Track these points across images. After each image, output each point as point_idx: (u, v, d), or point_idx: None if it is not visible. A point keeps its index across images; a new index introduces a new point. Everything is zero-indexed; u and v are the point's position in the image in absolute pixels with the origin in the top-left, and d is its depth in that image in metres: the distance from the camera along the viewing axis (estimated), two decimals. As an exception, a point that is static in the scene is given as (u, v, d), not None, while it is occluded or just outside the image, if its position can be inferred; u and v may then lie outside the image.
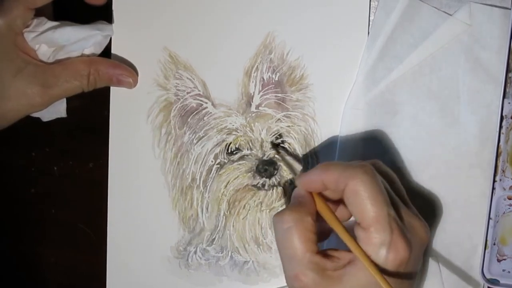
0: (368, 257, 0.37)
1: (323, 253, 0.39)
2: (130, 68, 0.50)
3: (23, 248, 0.53)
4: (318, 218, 0.40)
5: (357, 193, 0.38)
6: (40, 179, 0.53)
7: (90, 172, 0.52)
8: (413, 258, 0.38)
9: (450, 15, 0.48)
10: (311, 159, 0.49)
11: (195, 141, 0.50)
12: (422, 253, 0.41)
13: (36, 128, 0.51)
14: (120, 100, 0.50)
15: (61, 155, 0.52)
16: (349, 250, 0.39)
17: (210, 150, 0.50)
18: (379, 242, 0.37)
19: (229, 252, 0.50)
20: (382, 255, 0.37)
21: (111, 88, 0.50)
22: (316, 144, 0.49)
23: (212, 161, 0.50)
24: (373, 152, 0.49)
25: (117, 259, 0.51)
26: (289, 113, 0.50)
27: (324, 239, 0.43)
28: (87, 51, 0.48)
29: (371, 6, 0.49)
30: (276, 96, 0.50)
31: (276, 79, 0.50)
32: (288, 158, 0.49)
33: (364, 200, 0.38)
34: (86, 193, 0.52)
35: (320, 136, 0.49)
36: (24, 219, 0.53)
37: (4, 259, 0.53)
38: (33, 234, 0.53)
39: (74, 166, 0.52)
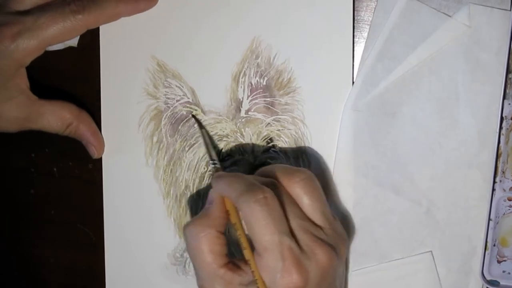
0: (263, 281, 0.38)
1: (232, 265, 0.40)
2: (103, 143, 0.50)
3: (22, 248, 0.54)
4: None
5: (249, 222, 0.38)
6: (39, 180, 0.53)
7: (90, 173, 0.52)
8: (313, 284, 0.38)
9: (450, 16, 0.46)
10: (302, 162, 0.49)
11: (186, 148, 0.50)
12: (329, 277, 0.40)
13: (36, 129, 0.51)
14: (110, 110, 0.50)
15: (60, 156, 0.52)
16: None
17: (202, 157, 0.50)
18: (272, 268, 0.38)
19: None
20: (275, 281, 0.38)
21: (102, 98, 0.50)
22: (307, 147, 0.48)
23: (204, 168, 0.50)
24: (372, 153, 0.48)
25: (115, 267, 0.51)
26: (278, 117, 0.49)
27: None
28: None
29: (370, 7, 0.47)
30: (265, 100, 0.49)
31: (264, 83, 0.48)
32: (279, 162, 0.49)
33: (256, 229, 0.38)
34: (86, 194, 0.52)
35: (311, 138, 0.48)
36: (24, 220, 0.53)
37: (4, 260, 0.54)
38: (33, 235, 0.53)
39: (73, 167, 0.52)
